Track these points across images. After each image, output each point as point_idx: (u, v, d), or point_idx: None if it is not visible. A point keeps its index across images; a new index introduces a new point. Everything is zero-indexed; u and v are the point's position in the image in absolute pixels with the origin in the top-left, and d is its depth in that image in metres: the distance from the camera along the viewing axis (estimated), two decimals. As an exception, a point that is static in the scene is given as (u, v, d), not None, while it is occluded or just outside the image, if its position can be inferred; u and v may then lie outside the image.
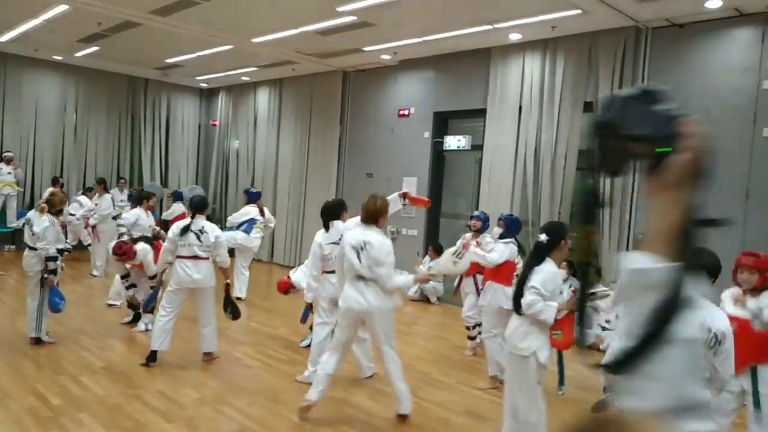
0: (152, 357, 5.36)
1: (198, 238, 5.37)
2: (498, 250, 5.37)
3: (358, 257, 4.17)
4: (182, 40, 9.40)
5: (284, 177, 12.02)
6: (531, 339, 3.50)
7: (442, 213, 9.74)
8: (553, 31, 7.54)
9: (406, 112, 9.86)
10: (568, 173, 7.75)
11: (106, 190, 10.22)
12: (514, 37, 7.94)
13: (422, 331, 7.56)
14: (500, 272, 5.34)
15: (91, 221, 9.59)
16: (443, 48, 8.80)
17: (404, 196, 5.40)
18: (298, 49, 9.51)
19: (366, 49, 9.14)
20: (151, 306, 6.05)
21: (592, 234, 1.38)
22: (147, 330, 6.23)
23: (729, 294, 3.75)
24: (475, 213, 6.35)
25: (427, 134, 9.55)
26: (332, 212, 5.23)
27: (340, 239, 4.62)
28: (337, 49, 9.28)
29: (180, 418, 4.27)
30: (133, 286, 6.59)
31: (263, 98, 12.64)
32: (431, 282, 8.63)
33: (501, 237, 5.52)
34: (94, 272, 9.54)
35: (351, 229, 4.61)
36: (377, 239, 4.24)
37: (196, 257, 5.37)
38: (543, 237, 3.41)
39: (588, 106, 7.57)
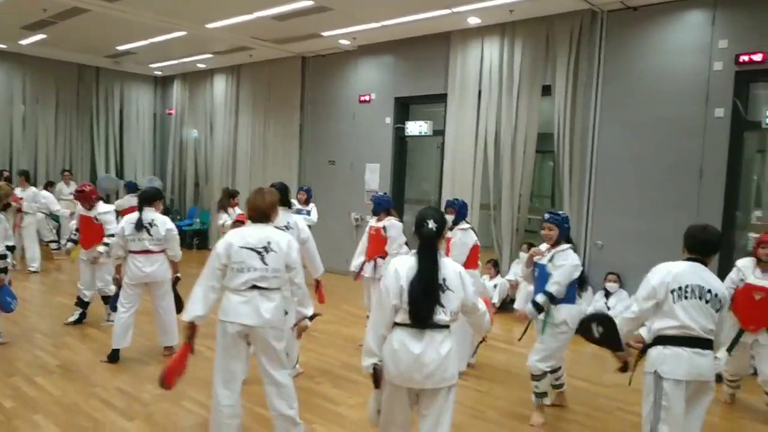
0: (114, 356, 5.22)
1: (148, 231, 5.21)
2: (462, 241, 5.32)
3: (262, 260, 3.44)
4: (133, 27, 9.09)
5: (244, 166, 11.81)
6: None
7: (406, 199, 9.72)
8: (510, 15, 7.55)
9: (366, 98, 9.78)
10: (528, 156, 7.82)
11: (28, 181, 9.68)
12: (473, 21, 7.92)
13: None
14: (469, 258, 5.30)
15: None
16: (403, 33, 8.74)
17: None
18: (254, 34, 9.31)
19: (324, 34, 9.01)
20: (115, 305, 5.86)
21: None
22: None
23: (749, 263, 4.60)
24: (449, 200, 5.79)
25: (388, 120, 9.50)
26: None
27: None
28: (295, 34, 9.12)
29: (140, 415, 4.16)
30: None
31: (220, 85, 12.37)
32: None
33: (454, 223, 5.39)
34: (32, 267, 9.12)
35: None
36: (283, 238, 3.57)
37: (147, 251, 5.23)
38: (432, 224, 2.86)
39: (546, 90, 7.63)
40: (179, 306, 5.41)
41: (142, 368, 5.12)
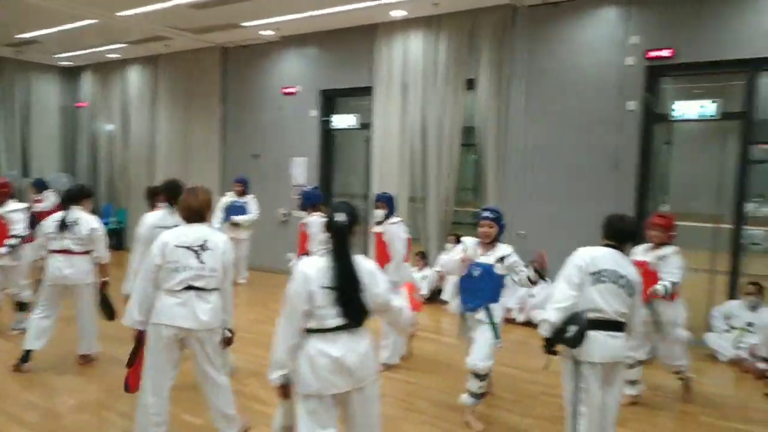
0: (25, 357, 4.87)
1: (71, 230, 4.88)
2: (397, 234, 5.28)
3: (198, 258, 3.34)
4: (37, 13, 8.46)
5: (164, 160, 11.31)
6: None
7: (335, 192, 9.64)
8: (435, 9, 7.61)
9: (291, 90, 9.60)
10: (454, 149, 7.93)
11: None
12: (398, 13, 7.93)
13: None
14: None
15: None
16: (327, 24, 8.62)
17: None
18: (170, 23, 8.90)
19: (245, 24, 8.74)
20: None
21: None
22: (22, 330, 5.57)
23: (642, 248, 4.64)
24: (378, 194, 5.65)
25: (314, 113, 9.37)
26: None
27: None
28: (214, 24, 8.80)
29: (55, 429, 3.90)
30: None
31: (135, 77, 11.77)
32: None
33: (386, 217, 5.37)
34: None
35: (157, 225, 4.03)
36: (220, 238, 3.50)
37: (67, 251, 4.89)
38: (343, 218, 2.71)
39: (470, 83, 7.76)
40: (110, 312, 5.04)
41: (57, 379, 4.80)
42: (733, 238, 6.42)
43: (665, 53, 6.47)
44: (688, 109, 6.40)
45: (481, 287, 4.13)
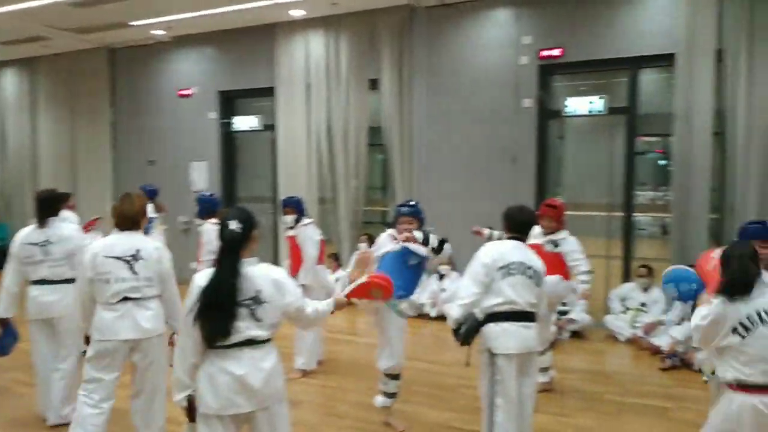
0: None
1: None
2: (309, 236, 5.17)
3: (131, 270, 3.26)
4: None
5: (48, 169, 10.45)
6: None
7: (240, 197, 9.34)
8: (334, 8, 7.55)
9: (187, 92, 9.18)
10: (361, 149, 7.93)
11: None
12: (296, 13, 7.79)
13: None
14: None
15: None
16: (223, 23, 8.32)
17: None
18: (48, 22, 8.23)
19: (134, 23, 8.26)
20: None
21: None
22: None
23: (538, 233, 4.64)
24: (284, 199, 5.49)
25: (213, 115, 9.02)
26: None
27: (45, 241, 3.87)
28: (99, 23, 8.24)
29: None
30: None
31: (11, 80, 10.79)
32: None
33: (298, 220, 5.23)
34: None
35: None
36: (153, 246, 3.40)
37: None
38: (235, 225, 2.50)
39: (374, 84, 7.78)
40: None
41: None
42: (625, 225, 6.87)
43: (556, 52, 6.80)
44: (578, 105, 6.76)
45: (412, 277, 4.02)
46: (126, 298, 3.23)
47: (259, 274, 2.50)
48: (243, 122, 8.82)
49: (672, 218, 6.48)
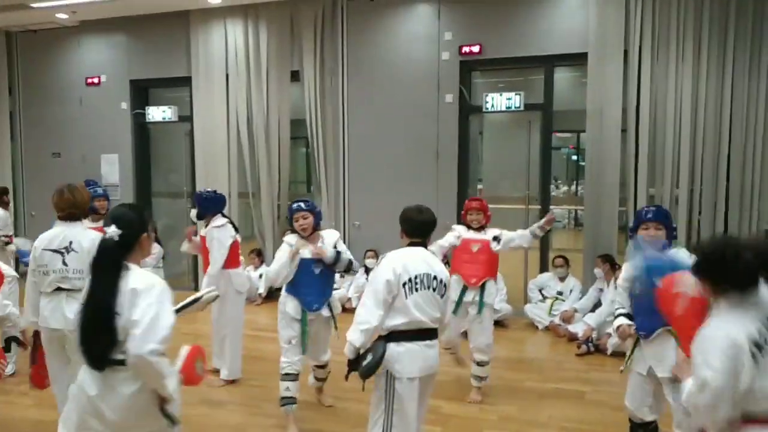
0: None
1: None
2: (217, 238, 4.86)
3: (63, 261, 3.29)
4: None
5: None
6: None
7: (154, 192, 8.92)
8: (252, -3, 7.34)
9: (95, 81, 8.65)
10: (283, 142, 7.77)
11: None
12: (213, 0, 7.51)
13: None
14: (229, 256, 4.91)
15: None
16: (133, 8, 7.88)
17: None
18: (-65, 0, 7.50)
19: (34, 5, 7.66)
20: None
21: None
22: None
23: (463, 228, 4.61)
24: (196, 192, 5.36)
25: (124, 105, 8.55)
26: None
27: None
28: (-6, 3, 7.59)
29: None
30: None
31: None
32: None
33: (200, 217, 5.01)
34: None
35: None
36: (90, 236, 3.31)
37: None
38: (113, 231, 2.19)
39: (295, 75, 7.64)
40: None
41: None
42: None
43: (475, 49, 6.94)
44: (497, 101, 6.93)
45: (324, 283, 4.02)
46: (59, 288, 3.33)
47: (125, 281, 2.15)
48: (157, 113, 8.41)
49: (585, 211, 6.80)
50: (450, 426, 4.10)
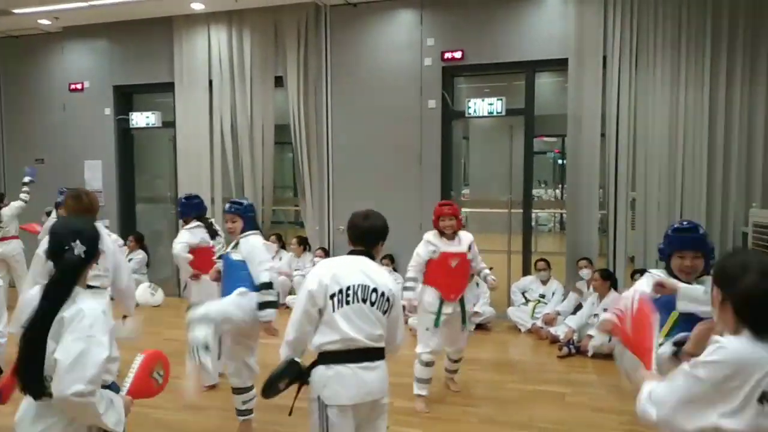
0: None
1: None
2: (182, 239, 4.91)
3: None
4: None
5: None
6: None
7: (138, 198, 8.89)
8: (236, 3, 7.35)
9: (78, 86, 8.62)
10: (267, 148, 7.79)
11: None
12: (197, 6, 7.52)
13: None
14: (197, 261, 4.91)
15: None
16: (117, 15, 7.86)
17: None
18: None
19: (17, 11, 7.63)
20: None
21: None
22: None
23: (434, 236, 4.42)
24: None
25: (108, 111, 8.52)
26: None
27: None
28: (-24, 8, 7.55)
29: None
30: None
31: None
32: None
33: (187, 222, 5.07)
34: None
35: None
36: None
37: None
38: (79, 249, 2.00)
39: (279, 81, 7.66)
40: None
41: None
42: (525, 221, 7.19)
43: (457, 55, 6.99)
44: (479, 106, 6.98)
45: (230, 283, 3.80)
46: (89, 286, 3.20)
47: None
48: (141, 119, 8.39)
49: (567, 214, 6.87)
50: (430, 427, 4.13)
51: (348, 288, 2.51)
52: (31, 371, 1.91)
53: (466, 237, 4.47)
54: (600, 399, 4.59)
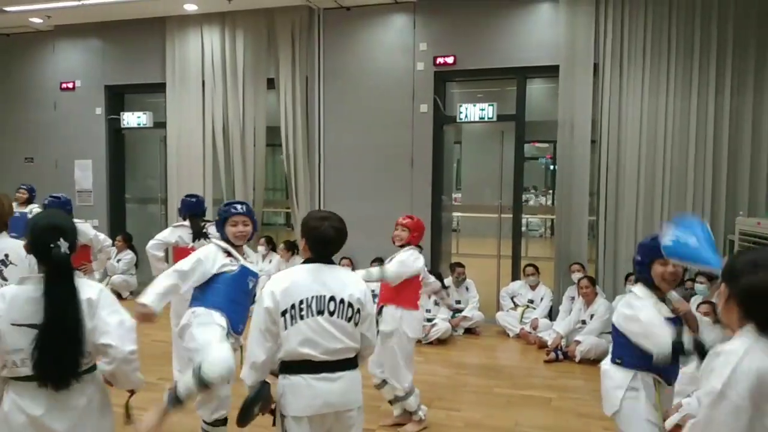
0: None
1: None
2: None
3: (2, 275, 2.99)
4: None
5: None
6: None
7: (129, 198, 8.87)
8: (229, 5, 7.34)
9: (70, 86, 8.59)
10: (259, 149, 7.79)
11: None
12: (190, 7, 7.51)
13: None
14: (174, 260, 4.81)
15: None
16: (109, 14, 7.84)
17: None
18: None
19: (8, 9, 7.60)
20: None
21: None
22: None
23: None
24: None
25: (99, 110, 8.49)
26: None
27: None
28: (-33, 6, 7.51)
29: None
30: None
31: None
32: (122, 276, 7.86)
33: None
34: None
35: None
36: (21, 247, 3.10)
37: None
38: (63, 243, 2.10)
39: (271, 83, 7.67)
40: None
41: None
42: (515, 226, 7.22)
43: (449, 60, 7.02)
44: (471, 111, 7.00)
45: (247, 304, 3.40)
46: None
47: (78, 289, 2.12)
48: (132, 119, 8.37)
49: (556, 220, 6.91)
50: None
51: (301, 302, 2.36)
52: (72, 356, 2.06)
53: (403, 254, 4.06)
54: (586, 404, 4.61)
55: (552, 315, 6.51)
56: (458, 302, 6.60)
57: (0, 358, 2.07)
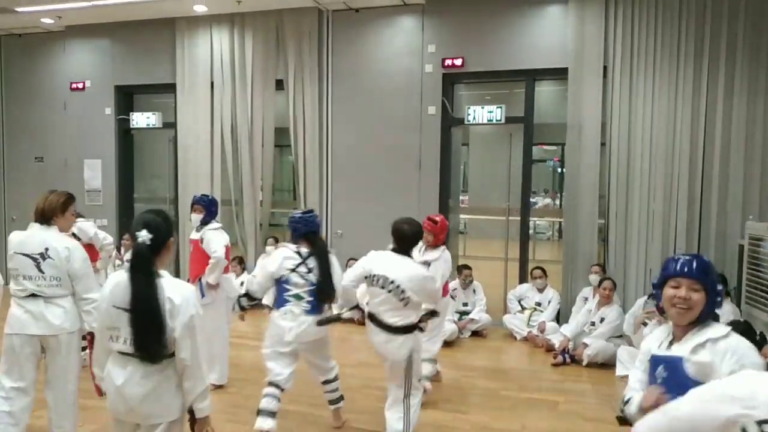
0: None
1: None
2: (216, 240, 4.80)
3: (39, 268, 3.28)
4: None
5: None
6: None
7: (137, 198, 8.90)
8: (238, 6, 7.39)
9: (80, 86, 8.65)
10: (267, 150, 7.81)
11: None
12: (200, 8, 7.55)
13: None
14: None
15: None
16: (119, 14, 7.90)
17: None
18: None
19: (20, 9, 7.66)
20: None
21: None
22: None
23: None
24: (196, 196, 5.15)
25: (109, 110, 8.55)
26: None
27: None
28: (-20, 6, 7.58)
29: None
30: None
31: None
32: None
33: (204, 222, 4.93)
34: None
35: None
36: (67, 243, 3.36)
37: None
38: (144, 234, 2.33)
39: (280, 84, 7.69)
40: None
41: None
42: (522, 229, 7.20)
43: (458, 62, 7.02)
44: (479, 113, 6.99)
45: None
46: (34, 295, 3.27)
47: (167, 287, 2.35)
48: (141, 119, 8.41)
49: (564, 222, 6.89)
50: (423, 434, 4.13)
51: (374, 276, 3.63)
52: (156, 336, 2.28)
53: (433, 255, 4.60)
54: (593, 408, 4.60)
55: (560, 318, 6.49)
56: (465, 305, 6.60)
57: (106, 333, 2.39)
